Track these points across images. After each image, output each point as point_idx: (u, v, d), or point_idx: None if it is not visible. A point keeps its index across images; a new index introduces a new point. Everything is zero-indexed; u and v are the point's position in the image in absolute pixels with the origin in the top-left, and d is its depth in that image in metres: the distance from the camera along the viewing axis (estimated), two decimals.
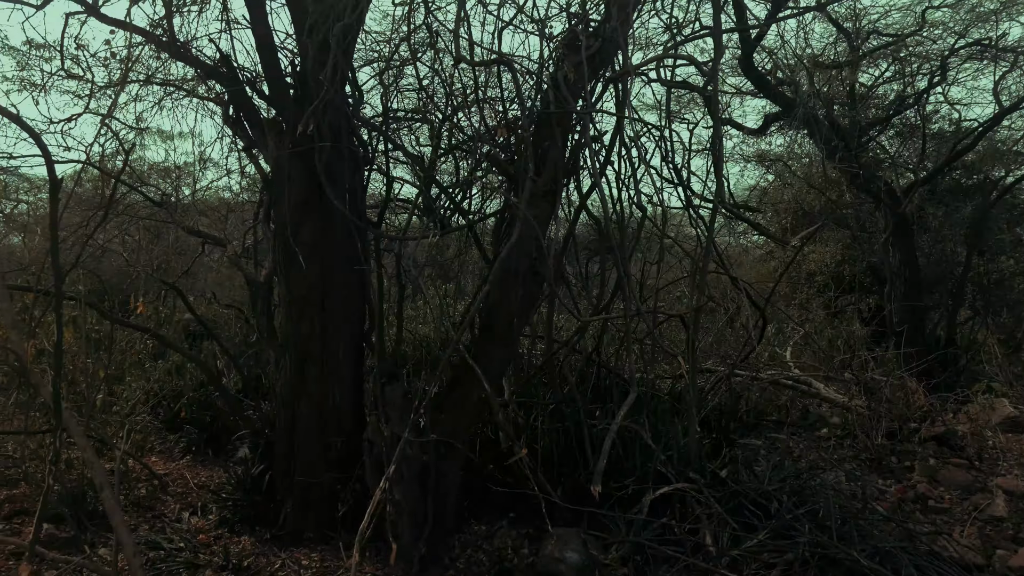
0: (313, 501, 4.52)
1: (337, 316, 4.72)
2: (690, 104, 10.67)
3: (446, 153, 5.14)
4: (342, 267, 4.77)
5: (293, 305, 4.72)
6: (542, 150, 4.30)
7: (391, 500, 3.94)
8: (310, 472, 4.52)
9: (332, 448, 4.53)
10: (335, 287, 4.73)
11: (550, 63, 4.36)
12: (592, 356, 5.38)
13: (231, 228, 11.26)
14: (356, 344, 4.86)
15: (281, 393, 4.76)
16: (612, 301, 4.86)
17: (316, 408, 4.63)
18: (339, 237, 4.78)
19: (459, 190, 4.87)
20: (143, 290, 12.76)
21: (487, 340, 4.25)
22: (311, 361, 4.65)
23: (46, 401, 3.53)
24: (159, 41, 5.45)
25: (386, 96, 5.45)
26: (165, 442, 7.47)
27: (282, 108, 4.89)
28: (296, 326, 4.69)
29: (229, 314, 10.54)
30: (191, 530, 4.86)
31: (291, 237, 4.65)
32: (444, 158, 5.29)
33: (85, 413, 4.28)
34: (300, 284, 4.70)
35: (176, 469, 6.68)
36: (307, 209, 4.77)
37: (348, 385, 4.74)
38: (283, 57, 5.08)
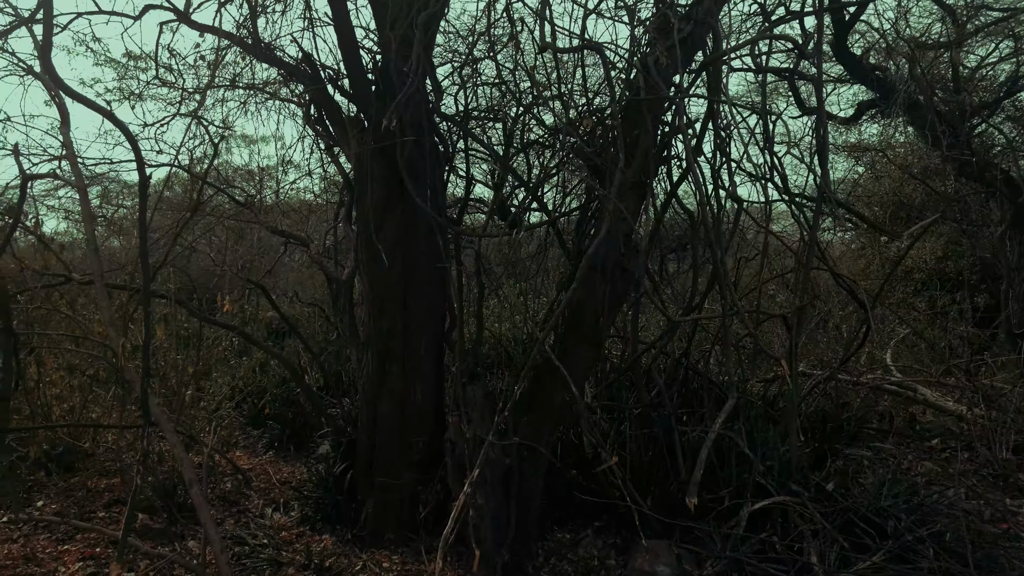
0: (394, 502, 4.45)
1: (418, 314, 4.63)
2: (773, 95, 10.13)
3: (525, 148, 4.97)
4: (423, 265, 4.68)
5: (375, 302, 4.67)
6: (631, 139, 4.07)
7: (473, 504, 3.81)
8: (391, 472, 4.45)
9: (413, 448, 4.44)
10: (416, 284, 4.65)
11: (640, 47, 4.12)
12: (681, 359, 5.09)
13: (312, 229, 11.53)
14: (437, 342, 4.76)
15: (363, 390, 4.71)
16: (704, 299, 4.57)
17: (397, 406, 4.56)
18: (420, 234, 4.70)
19: (541, 182, 4.68)
20: (229, 289, 13.27)
21: (572, 340, 4.05)
22: (392, 358, 4.59)
23: (139, 396, 3.58)
24: (244, 43, 5.53)
25: (464, 91, 5.34)
26: (249, 437, 7.65)
27: (364, 105, 4.85)
28: (378, 323, 4.64)
29: (310, 312, 10.78)
30: (274, 527, 4.89)
31: (373, 234, 4.60)
32: (522, 154, 5.12)
33: (174, 408, 4.37)
34: (382, 281, 4.64)
35: (259, 464, 6.81)
36: (389, 207, 4.71)
37: (429, 383, 4.65)
38: (364, 55, 5.06)
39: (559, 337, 4.25)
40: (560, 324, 4.15)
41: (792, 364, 4.42)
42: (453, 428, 4.17)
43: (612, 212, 3.55)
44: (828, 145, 4.19)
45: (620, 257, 4.02)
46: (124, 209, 14.74)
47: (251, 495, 5.82)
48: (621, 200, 3.65)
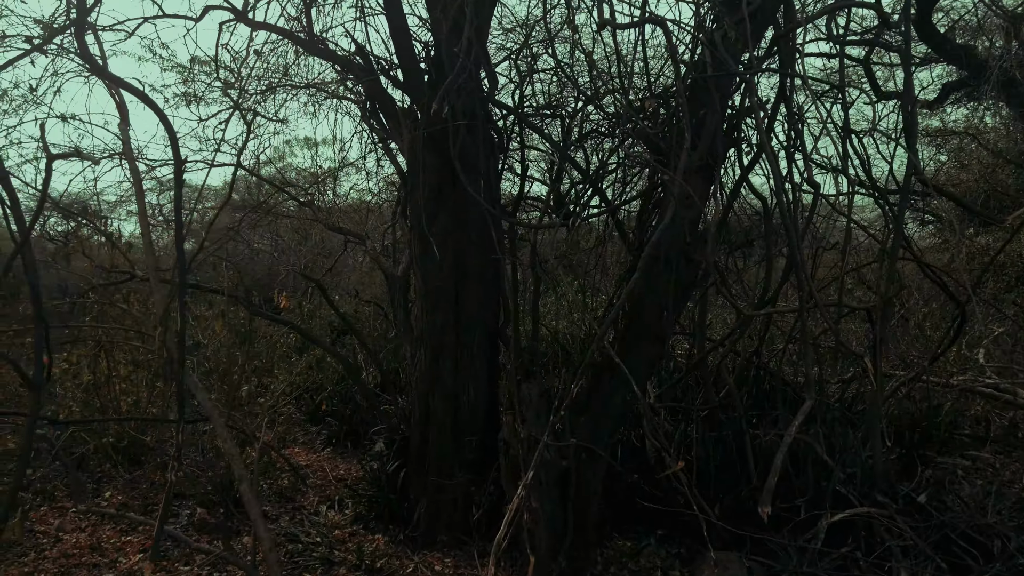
0: (447, 502, 4.31)
1: (471, 308, 4.48)
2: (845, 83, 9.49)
3: (584, 138, 4.74)
4: (476, 258, 4.52)
5: (427, 297, 4.54)
6: (697, 120, 3.80)
7: (528, 508, 3.61)
8: (443, 472, 4.31)
9: (466, 447, 4.29)
10: (469, 279, 4.50)
11: (706, 22, 3.84)
12: (752, 357, 4.75)
13: (371, 228, 11.59)
14: (490, 338, 4.60)
15: (415, 387, 4.60)
16: (778, 293, 4.23)
17: (450, 403, 4.41)
18: (473, 227, 4.55)
19: (604, 167, 4.45)
20: (291, 287, 13.52)
21: (633, 336, 3.80)
22: (445, 354, 4.45)
23: (189, 390, 3.54)
24: (298, 39, 5.52)
25: (521, 80, 5.16)
26: (308, 434, 7.69)
27: (417, 95, 4.74)
28: (430, 318, 4.51)
29: (371, 310, 10.84)
30: (328, 524, 4.83)
31: (425, 227, 4.48)
32: (581, 144, 4.90)
33: (228, 404, 4.36)
34: (434, 275, 4.51)
35: (317, 461, 6.82)
36: (441, 198, 4.58)
37: (482, 381, 4.49)
38: (417, 44, 4.95)
39: (619, 333, 4.01)
40: (620, 319, 3.91)
41: (876, 362, 4.04)
42: (507, 428, 3.98)
43: (677, 196, 3.29)
44: (917, 123, 3.79)
45: (686, 246, 3.75)
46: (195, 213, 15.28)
47: (307, 491, 5.80)
48: (687, 184, 3.39)
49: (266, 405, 5.69)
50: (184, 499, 5.35)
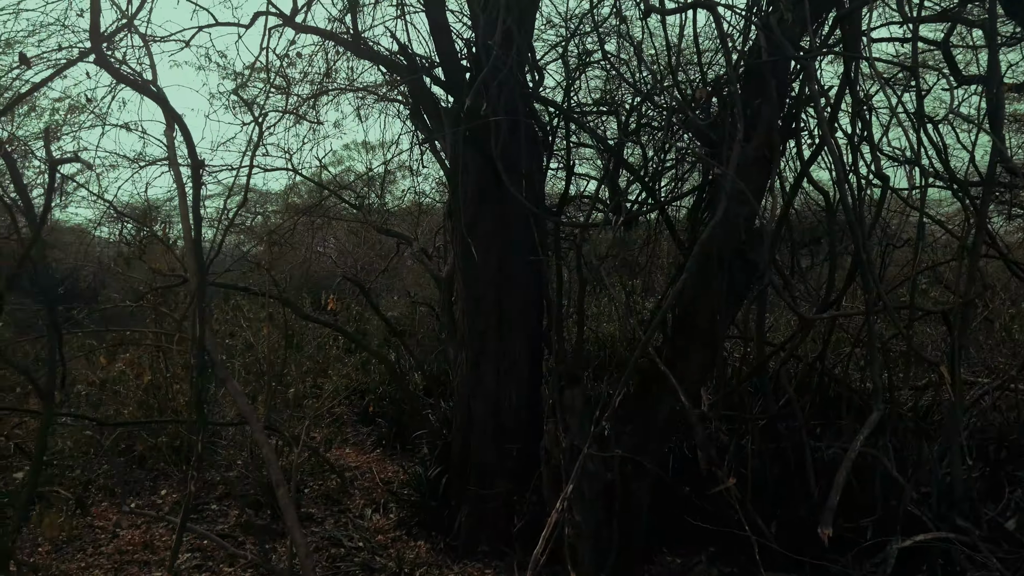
0: (488, 511, 4.18)
1: (514, 311, 4.34)
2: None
3: (635, 133, 4.52)
4: (520, 259, 4.39)
5: (469, 299, 4.43)
6: (752, 109, 3.54)
7: (570, 521, 3.44)
8: (485, 479, 4.19)
9: (508, 455, 4.15)
10: (512, 280, 4.37)
11: (760, 4, 3.58)
12: (815, 363, 4.43)
13: (423, 229, 11.62)
14: (534, 342, 4.45)
15: (458, 392, 4.50)
16: (843, 295, 3.91)
17: (491, 408, 4.29)
18: (517, 228, 4.42)
19: (653, 163, 4.23)
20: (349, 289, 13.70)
21: (684, 341, 3.58)
22: (487, 358, 4.33)
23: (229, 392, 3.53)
24: (344, 41, 5.52)
25: (568, 74, 4.99)
26: (358, 434, 7.73)
27: (458, 93, 4.64)
28: (472, 322, 4.40)
29: (425, 311, 10.84)
30: (371, 529, 4.78)
31: (467, 229, 4.38)
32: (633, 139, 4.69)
33: (274, 407, 4.37)
34: (476, 277, 4.40)
35: (366, 462, 6.82)
36: (484, 199, 4.47)
37: (525, 386, 4.35)
38: (458, 42, 4.85)
39: (669, 337, 3.79)
40: (669, 322, 3.69)
41: (954, 369, 3.67)
42: (548, 436, 3.82)
43: (729, 191, 3.06)
44: (1003, 107, 3.42)
45: (741, 244, 3.50)
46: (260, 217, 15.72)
47: (355, 493, 5.79)
48: (741, 178, 3.15)
49: (314, 407, 5.70)
50: (232, 499, 5.42)
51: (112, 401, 6.13)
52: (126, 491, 5.63)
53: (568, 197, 4.70)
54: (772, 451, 4.07)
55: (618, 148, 4.28)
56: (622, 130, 4.52)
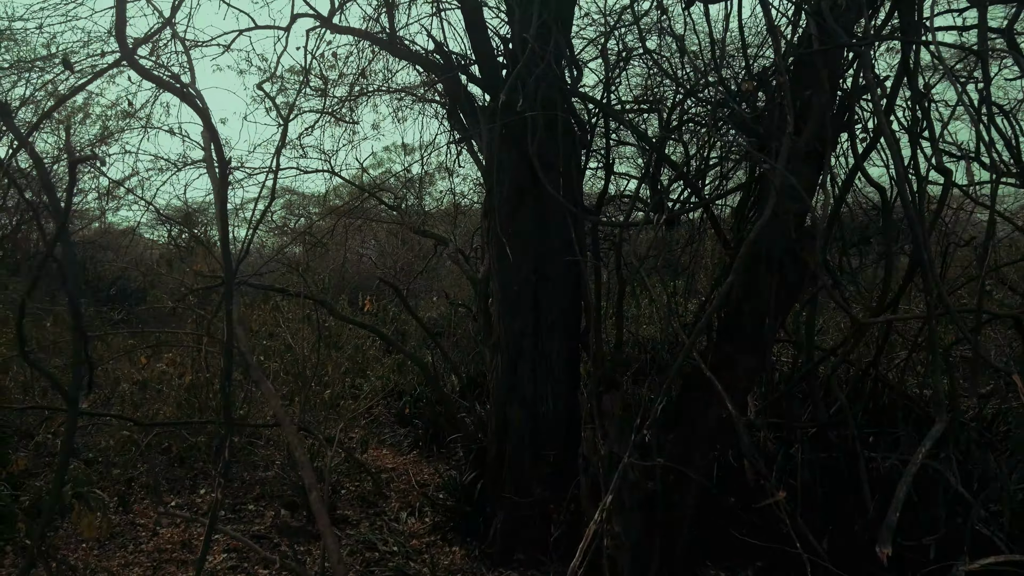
0: (524, 518, 4.07)
1: (551, 312, 4.23)
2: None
3: (678, 129, 4.36)
4: (557, 260, 4.27)
5: (505, 300, 4.33)
6: (802, 100, 3.36)
7: (609, 532, 3.31)
8: (521, 486, 4.08)
9: (545, 461, 4.03)
10: (549, 281, 4.25)
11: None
12: (869, 368, 4.20)
13: (461, 231, 11.60)
14: (571, 345, 4.33)
15: (493, 396, 4.40)
16: (899, 297, 3.68)
17: (528, 413, 4.18)
18: (554, 227, 4.31)
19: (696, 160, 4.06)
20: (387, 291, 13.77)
21: (730, 345, 3.41)
22: (523, 362, 4.22)
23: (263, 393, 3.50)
24: (379, 40, 5.50)
25: (607, 69, 4.85)
26: (395, 435, 7.70)
27: (493, 89, 4.55)
28: (507, 324, 4.30)
29: (463, 312, 10.81)
30: (406, 533, 4.72)
31: (503, 228, 4.29)
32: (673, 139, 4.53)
33: (310, 408, 4.35)
34: (512, 278, 4.30)
35: (402, 464, 6.78)
36: (520, 198, 4.37)
37: (562, 390, 4.22)
38: (495, 39, 4.77)
39: (714, 341, 3.62)
40: (715, 325, 3.52)
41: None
42: (586, 443, 3.69)
43: (779, 188, 2.89)
44: None
45: (791, 243, 3.32)
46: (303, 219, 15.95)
47: (390, 496, 5.75)
48: (791, 173, 2.98)
49: (350, 408, 5.69)
50: (269, 500, 5.43)
51: (155, 400, 6.23)
52: (164, 490, 5.70)
53: (607, 195, 4.56)
54: (822, 461, 3.86)
55: (660, 144, 4.12)
56: (664, 126, 4.38)
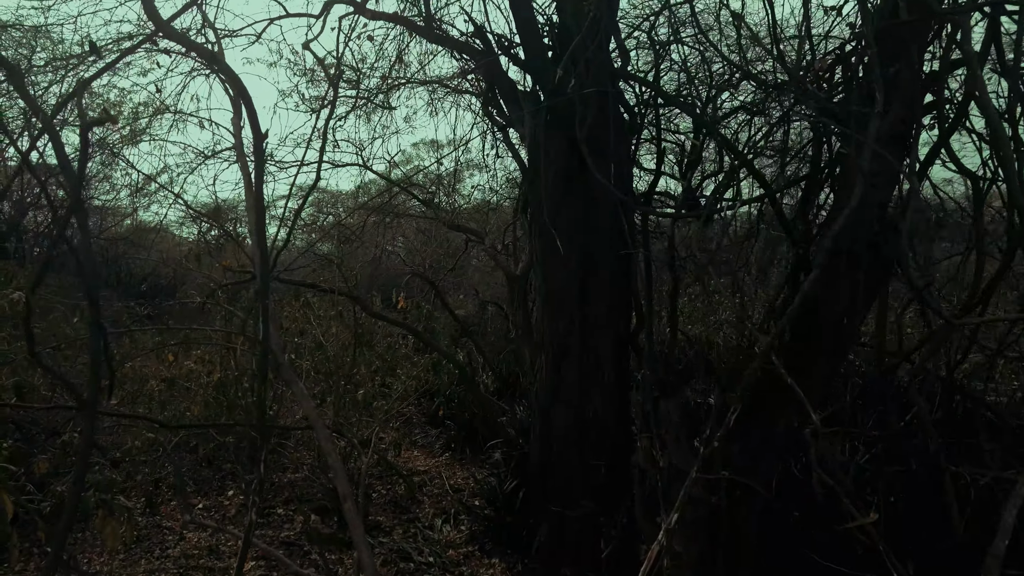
0: (571, 532, 3.79)
1: (599, 310, 3.94)
2: None
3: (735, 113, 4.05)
4: (605, 254, 3.99)
5: (550, 297, 4.06)
6: (887, 78, 3.03)
7: (670, 552, 3.02)
8: (567, 496, 3.80)
9: (593, 470, 3.75)
10: (597, 276, 3.97)
11: None
12: (950, 374, 3.84)
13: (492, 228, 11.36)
14: (620, 345, 4.03)
15: (536, 398, 4.13)
16: (989, 296, 3.32)
17: (574, 416, 3.90)
18: (602, 219, 4.03)
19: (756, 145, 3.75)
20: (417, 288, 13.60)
21: (805, 347, 3.09)
22: (569, 362, 3.94)
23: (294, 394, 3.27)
24: (415, 26, 5.27)
25: (656, 52, 4.55)
26: (427, 436, 7.48)
27: (539, 72, 4.28)
28: (552, 322, 4.02)
29: (492, 310, 10.58)
30: (442, 543, 4.47)
31: (548, 220, 4.02)
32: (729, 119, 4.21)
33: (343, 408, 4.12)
34: (558, 272, 4.03)
35: (434, 466, 6.55)
36: (566, 188, 4.09)
37: (611, 393, 3.93)
38: (540, 18, 4.49)
39: (783, 344, 3.30)
40: (788, 325, 3.19)
41: None
42: (642, 452, 3.40)
43: (867, 173, 2.58)
44: None
45: (874, 236, 2.99)
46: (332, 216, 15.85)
47: (423, 501, 5.52)
48: (875, 158, 2.66)
49: (383, 408, 5.46)
50: (300, 503, 5.23)
51: (182, 399, 6.09)
52: (192, 491, 5.53)
53: (656, 185, 4.25)
54: (900, 474, 3.52)
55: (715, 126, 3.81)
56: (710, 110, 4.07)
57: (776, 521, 3.61)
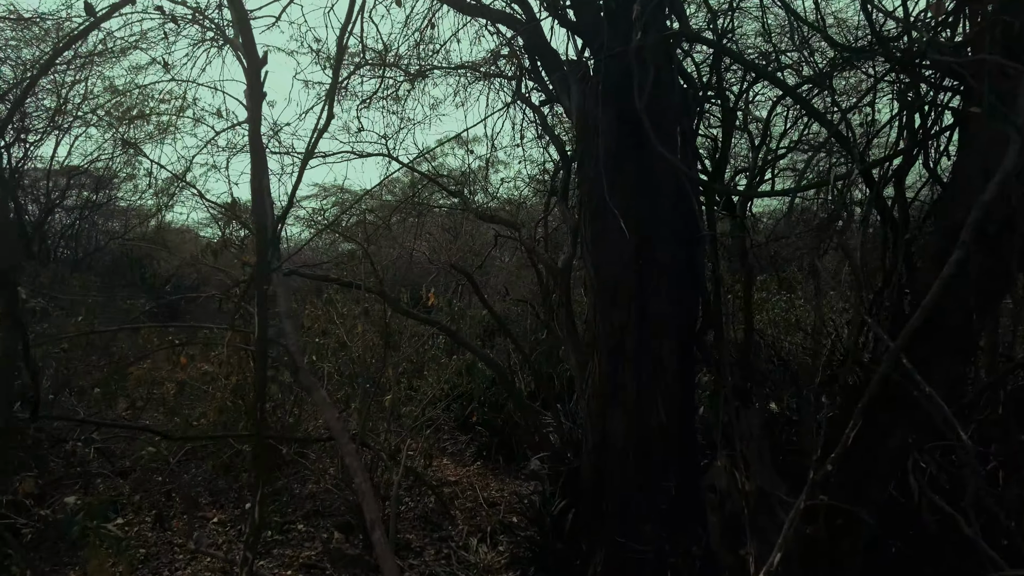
0: (631, 562, 3.28)
1: (660, 307, 3.44)
2: None
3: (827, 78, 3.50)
4: (667, 241, 3.49)
5: (602, 291, 3.56)
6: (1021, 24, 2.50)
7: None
8: (627, 521, 3.30)
9: (658, 492, 3.24)
10: (657, 268, 3.46)
11: None
12: None
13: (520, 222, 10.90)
14: (685, 345, 3.52)
15: (588, 407, 3.63)
16: None
17: (633, 429, 3.39)
18: (663, 202, 3.53)
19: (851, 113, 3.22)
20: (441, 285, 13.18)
21: (928, 348, 2.55)
22: (626, 366, 3.44)
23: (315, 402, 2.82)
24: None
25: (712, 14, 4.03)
26: (457, 443, 7.02)
27: (590, 34, 3.81)
28: (605, 319, 3.53)
29: (520, 311, 10.14)
30: (480, 566, 4.01)
31: (601, 202, 3.53)
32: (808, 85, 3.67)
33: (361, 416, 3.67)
34: (611, 263, 3.53)
35: (465, 476, 6.09)
36: (620, 167, 3.59)
37: (676, 402, 3.42)
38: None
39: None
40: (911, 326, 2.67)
41: None
42: (722, 473, 2.89)
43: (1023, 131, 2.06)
44: None
45: (1011, 216, 2.45)
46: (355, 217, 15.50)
47: (455, 515, 5.06)
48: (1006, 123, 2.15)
49: (412, 415, 5.01)
50: (321, 518, 4.80)
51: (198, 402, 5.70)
52: (207, 504, 5.13)
53: (725, 161, 3.72)
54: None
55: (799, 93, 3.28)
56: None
57: (875, 556, 3.07)
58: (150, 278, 16.81)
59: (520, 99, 5.86)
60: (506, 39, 5.15)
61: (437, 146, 9.09)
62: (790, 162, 4.98)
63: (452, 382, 5.54)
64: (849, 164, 3.28)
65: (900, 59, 3.03)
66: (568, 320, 4.49)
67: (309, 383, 2.94)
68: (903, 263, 2.92)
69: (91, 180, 14.75)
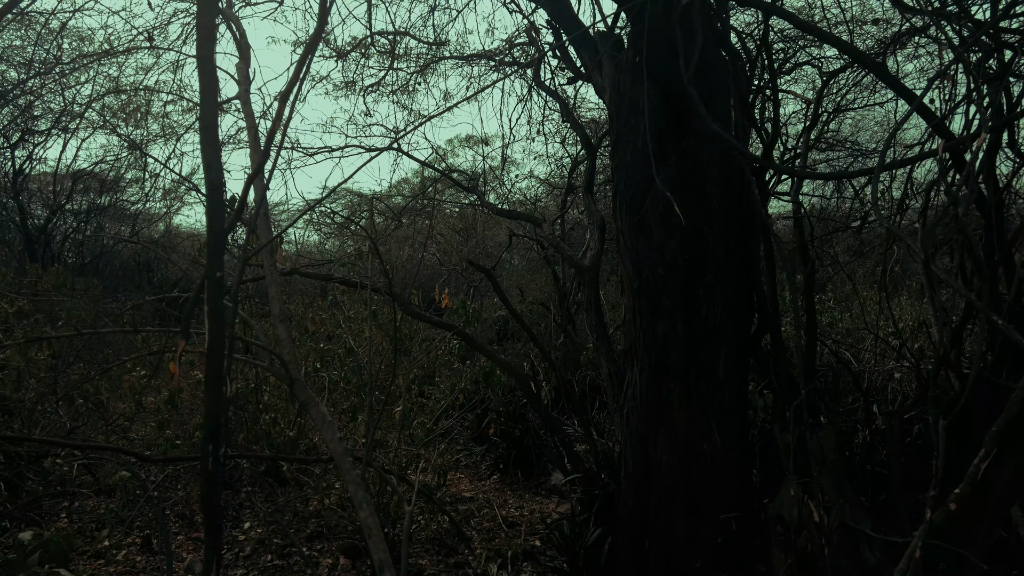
0: None
1: (711, 310, 3.00)
2: None
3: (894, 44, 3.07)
4: (718, 235, 3.06)
5: (641, 294, 3.13)
6: None
7: None
8: (674, 555, 2.86)
9: (711, 523, 2.80)
10: (706, 265, 3.03)
11: None
12: None
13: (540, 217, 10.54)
14: (740, 355, 3.08)
15: (628, 424, 3.18)
16: None
17: (682, 451, 2.95)
18: (712, 189, 3.09)
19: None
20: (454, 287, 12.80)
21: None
22: (671, 378, 3.00)
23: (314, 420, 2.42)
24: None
25: None
26: (472, 455, 6.59)
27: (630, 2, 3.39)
28: (647, 325, 3.09)
29: (533, 313, 9.74)
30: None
31: (638, 193, 3.11)
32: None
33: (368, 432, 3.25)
34: (652, 260, 3.10)
35: (482, 492, 5.66)
36: (661, 151, 3.16)
37: (731, 421, 2.98)
38: None
39: (997, 357, 2.33)
40: None
41: None
42: (792, 503, 2.44)
43: None
44: None
45: None
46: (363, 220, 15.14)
47: (471, 536, 4.63)
48: None
49: (424, 426, 4.59)
50: (326, 540, 4.38)
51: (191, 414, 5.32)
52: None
53: (775, 141, 3.28)
54: None
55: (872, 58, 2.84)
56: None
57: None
58: (158, 281, 16.56)
59: (539, 86, 5.45)
60: (526, 14, 4.73)
61: (431, 154, 8.72)
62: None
63: (467, 391, 5.12)
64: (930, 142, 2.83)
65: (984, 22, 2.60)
66: (599, 324, 4.06)
67: (306, 397, 2.52)
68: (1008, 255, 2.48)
69: (97, 183, 14.52)
